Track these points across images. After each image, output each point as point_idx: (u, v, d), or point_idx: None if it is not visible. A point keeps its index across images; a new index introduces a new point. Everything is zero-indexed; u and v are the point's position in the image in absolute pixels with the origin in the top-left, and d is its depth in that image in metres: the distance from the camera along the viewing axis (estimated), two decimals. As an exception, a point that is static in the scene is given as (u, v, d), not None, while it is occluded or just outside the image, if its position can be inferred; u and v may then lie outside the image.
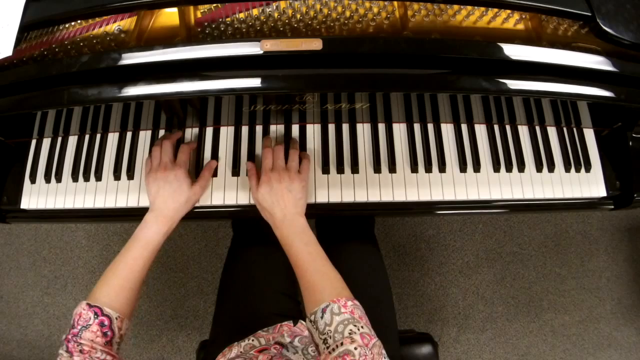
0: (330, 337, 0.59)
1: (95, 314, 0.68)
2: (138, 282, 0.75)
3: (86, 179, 0.89)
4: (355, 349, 0.56)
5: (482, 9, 0.80)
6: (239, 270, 1.00)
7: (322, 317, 0.63)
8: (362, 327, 0.60)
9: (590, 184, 0.89)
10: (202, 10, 0.80)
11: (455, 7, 0.79)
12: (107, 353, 0.67)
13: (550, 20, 0.79)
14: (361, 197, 0.85)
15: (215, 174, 0.88)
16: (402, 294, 1.68)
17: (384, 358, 0.59)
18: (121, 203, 0.87)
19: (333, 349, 0.58)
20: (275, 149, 0.85)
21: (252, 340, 0.84)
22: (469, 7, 0.79)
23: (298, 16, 0.78)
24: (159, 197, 0.80)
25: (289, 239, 0.77)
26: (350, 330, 0.59)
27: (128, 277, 0.74)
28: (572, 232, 1.77)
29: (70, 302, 1.72)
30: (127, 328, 0.73)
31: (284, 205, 0.79)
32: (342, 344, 0.57)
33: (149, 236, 0.78)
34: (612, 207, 0.90)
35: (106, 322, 0.68)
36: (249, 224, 1.09)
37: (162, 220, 0.79)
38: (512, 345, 1.65)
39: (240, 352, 0.81)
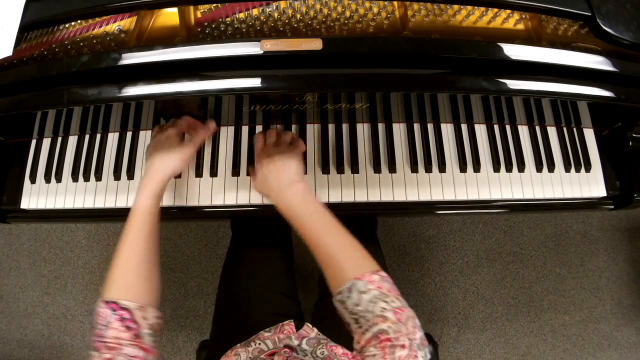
0: (362, 317, 0.56)
1: (113, 309, 0.62)
2: (149, 263, 0.68)
3: (86, 179, 0.89)
4: (389, 327, 0.54)
5: (482, 9, 0.80)
6: (238, 270, 1.00)
7: (349, 297, 0.59)
8: (392, 301, 0.57)
9: (590, 184, 0.89)
10: (202, 10, 0.80)
11: (455, 7, 0.79)
12: (137, 347, 0.61)
13: (550, 20, 0.79)
14: (361, 197, 0.85)
15: (215, 174, 0.88)
16: (402, 294, 1.67)
17: (419, 330, 0.56)
18: (121, 203, 0.87)
19: (366, 329, 0.56)
20: (268, 131, 0.84)
21: (259, 344, 0.83)
22: (469, 7, 0.79)
23: (298, 16, 0.78)
24: (149, 158, 0.78)
25: (290, 210, 0.72)
26: (382, 307, 0.56)
27: (133, 258, 0.68)
28: (572, 232, 1.77)
29: (70, 302, 1.72)
30: (156, 316, 0.66)
31: (276, 174, 0.75)
32: (375, 324, 0.55)
33: (143, 204, 0.72)
34: (612, 207, 0.90)
35: (126, 316, 0.62)
36: (248, 224, 1.08)
37: (149, 184, 0.74)
38: (512, 345, 1.65)
39: (250, 357, 0.80)
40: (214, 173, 0.88)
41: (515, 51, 0.72)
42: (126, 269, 0.67)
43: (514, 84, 0.73)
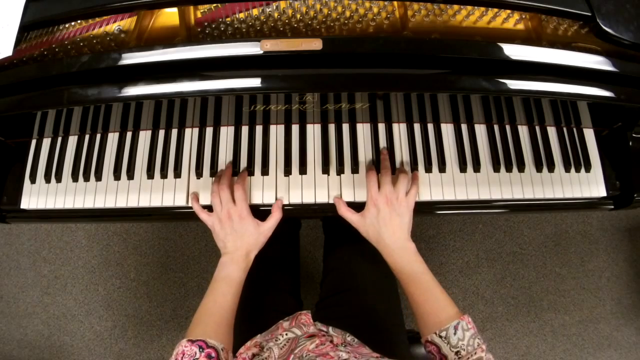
0: (464, 349, 0.70)
1: (200, 347, 0.67)
2: (231, 318, 0.76)
3: (86, 179, 0.89)
4: (485, 355, 0.69)
5: (482, 9, 0.80)
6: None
7: (454, 334, 0.71)
8: (480, 338, 0.72)
9: (590, 184, 0.89)
10: (202, 10, 0.80)
11: (455, 7, 0.79)
12: None
13: (550, 20, 0.79)
14: (361, 197, 0.85)
15: (215, 174, 0.88)
16: (402, 294, 1.67)
17: None
18: (121, 203, 0.87)
19: (467, 358, 0.69)
20: (382, 173, 0.82)
21: (286, 334, 0.82)
22: (469, 7, 0.79)
23: (298, 16, 0.78)
24: (229, 241, 0.81)
25: (404, 270, 0.78)
26: (478, 342, 0.70)
27: (220, 314, 0.75)
28: (572, 232, 1.77)
29: (70, 302, 1.72)
30: None
31: (392, 232, 0.78)
32: (476, 353, 0.69)
33: (230, 274, 0.79)
34: (612, 207, 0.90)
35: (213, 354, 0.67)
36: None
37: (238, 259, 0.80)
38: (512, 345, 1.65)
39: (281, 346, 0.79)
40: (214, 173, 0.88)
41: (515, 51, 0.72)
42: (211, 321, 0.74)
43: (514, 84, 0.73)
